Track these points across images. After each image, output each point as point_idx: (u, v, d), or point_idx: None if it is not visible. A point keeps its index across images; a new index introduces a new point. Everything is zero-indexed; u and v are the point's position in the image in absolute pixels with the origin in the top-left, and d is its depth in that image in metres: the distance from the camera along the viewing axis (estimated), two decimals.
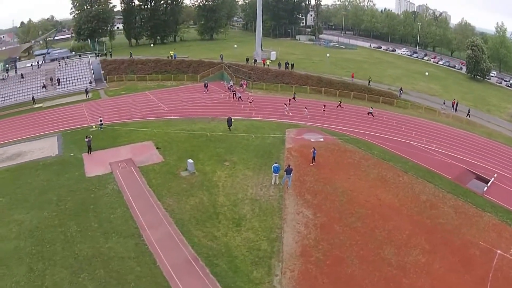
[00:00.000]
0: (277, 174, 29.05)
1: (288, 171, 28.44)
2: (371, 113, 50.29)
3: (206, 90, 59.83)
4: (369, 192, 29.44)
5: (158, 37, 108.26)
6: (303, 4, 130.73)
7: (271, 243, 23.65)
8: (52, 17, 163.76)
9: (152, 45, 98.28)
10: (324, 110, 50.22)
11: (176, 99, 57.83)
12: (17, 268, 22.03)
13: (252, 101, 52.55)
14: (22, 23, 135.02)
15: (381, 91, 60.38)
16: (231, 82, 61.79)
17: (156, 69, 72.44)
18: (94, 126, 45.76)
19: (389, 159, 35.90)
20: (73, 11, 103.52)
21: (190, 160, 32.74)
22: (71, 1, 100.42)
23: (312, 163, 32.48)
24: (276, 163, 29.62)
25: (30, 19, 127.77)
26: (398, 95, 60.15)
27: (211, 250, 23.16)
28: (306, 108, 48.89)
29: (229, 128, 40.90)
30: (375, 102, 56.98)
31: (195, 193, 29.41)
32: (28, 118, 54.25)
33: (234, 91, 56.11)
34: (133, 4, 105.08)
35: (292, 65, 66.90)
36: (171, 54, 76.58)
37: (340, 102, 53.69)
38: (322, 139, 38.65)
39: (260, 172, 31.93)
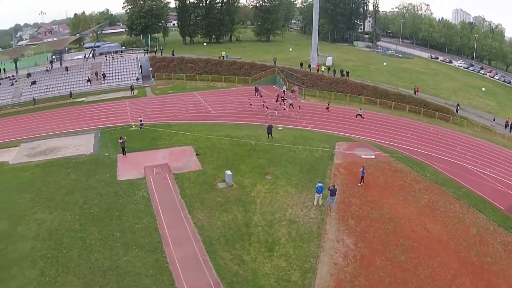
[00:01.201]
0: (321, 195, 29.14)
1: (333, 192, 28.53)
2: (360, 115, 52.82)
3: (256, 94, 61.36)
4: (417, 220, 29.29)
5: (213, 36, 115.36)
6: (361, 9, 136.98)
7: (303, 274, 23.25)
8: (107, 10, 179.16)
9: (205, 44, 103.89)
10: (327, 108, 55.00)
11: (225, 102, 59.69)
12: (29, 271, 23.28)
13: (299, 107, 53.81)
14: (75, 14, 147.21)
15: (437, 106, 62.05)
16: (284, 87, 63.48)
17: (206, 69, 75.98)
18: (133, 126, 48.16)
19: (441, 183, 35.93)
20: (125, 6, 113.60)
21: (228, 172, 33.03)
22: None
23: (360, 183, 32.84)
24: (320, 182, 29.77)
25: (83, 11, 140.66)
26: (455, 111, 62.08)
27: (236, 276, 22.84)
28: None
29: (269, 136, 42.01)
30: (431, 118, 59.33)
31: (229, 209, 29.44)
32: (69, 112, 59.16)
33: (283, 97, 57.20)
34: (188, 1, 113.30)
35: (348, 73, 68.75)
36: (223, 55, 79.81)
37: (328, 104, 56.60)
38: (373, 156, 39.21)
39: (303, 189, 31.98)
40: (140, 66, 77.09)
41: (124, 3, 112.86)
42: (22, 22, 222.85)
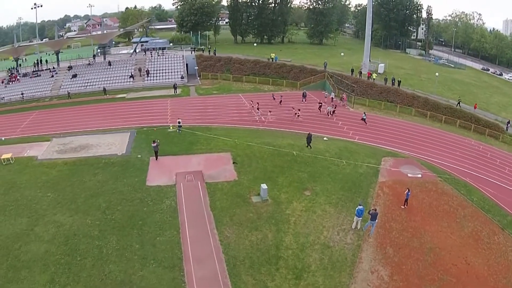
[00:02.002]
0: (361, 218, 28.76)
1: (373, 216, 28.15)
2: (364, 119, 54.17)
3: (304, 100, 62.13)
4: (458, 252, 28.66)
5: (265, 37, 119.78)
6: (414, 16, 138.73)
7: None
8: (160, 5, 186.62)
9: (255, 44, 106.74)
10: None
11: (270, 106, 59.76)
12: (39, 275, 23.82)
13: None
14: (126, 8, 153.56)
15: (488, 122, 61.77)
16: (333, 93, 64.57)
17: (254, 71, 77.33)
18: (171, 127, 48.83)
19: (488, 210, 35.28)
20: (176, 2, 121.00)
21: (264, 186, 32.36)
22: None
23: (404, 205, 32.59)
24: (360, 204, 29.30)
25: (135, 6, 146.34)
26: (505, 128, 61.46)
27: None
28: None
29: (308, 146, 42.18)
30: (481, 134, 59.41)
31: (260, 227, 28.77)
32: (107, 108, 61.69)
33: (321, 103, 58.13)
34: (240, 0, 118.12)
35: (399, 82, 68.24)
36: (272, 57, 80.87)
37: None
38: (420, 175, 38.80)
39: (343, 210, 31.47)
40: (186, 64, 78.84)
41: None
42: (72, 14, 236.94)
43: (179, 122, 47.87)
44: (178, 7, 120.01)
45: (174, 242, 26.75)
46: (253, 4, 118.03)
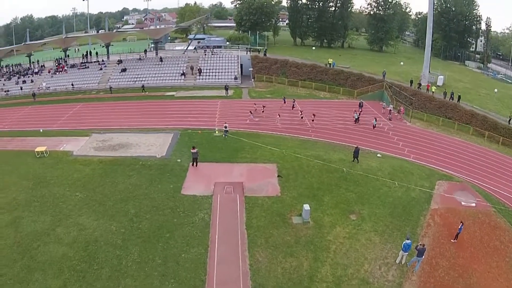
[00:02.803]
0: (407, 253, 27.63)
1: (420, 252, 27.02)
2: (374, 126, 54.54)
3: (360, 110, 60.70)
4: None
5: (324, 40, 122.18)
6: (474, 27, 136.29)
7: None
8: (220, 3, 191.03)
9: (313, 48, 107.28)
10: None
11: (324, 115, 58.99)
12: (51, 280, 24.08)
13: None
14: (186, 4, 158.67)
15: None
16: (391, 105, 63.45)
17: (310, 76, 77.11)
18: (217, 131, 48.67)
19: None
20: (234, 1, 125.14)
21: (306, 206, 30.94)
22: None
23: (454, 239, 31.20)
24: (408, 238, 28.10)
25: (195, 2, 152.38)
26: None
27: None
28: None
29: (354, 159, 41.76)
30: None
31: (296, 253, 27.48)
32: (153, 105, 62.82)
33: (356, 111, 57.48)
34: (300, 2, 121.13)
35: (459, 97, 65.53)
36: (330, 62, 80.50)
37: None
38: (474, 204, 37.02)
39: (389, 240, 30.09)
40: (241, 64, 78.81)
41: None
42: (131, 7, 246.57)
43: (225, 127, 47.57)
44: (237, 6, 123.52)
45: (200, 261, 25.99)
46: (314, 6, 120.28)
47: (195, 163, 39.48)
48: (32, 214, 31.57)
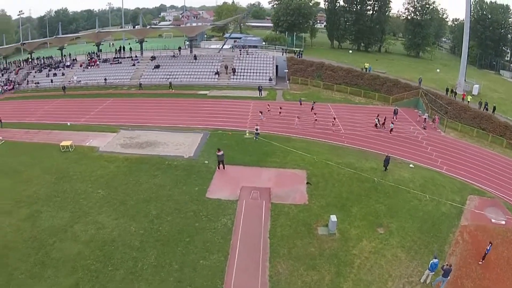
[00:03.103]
0: (433, 273, 26.78)
1: (446, 273, 26.24)
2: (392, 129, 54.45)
3: (395, 117, 59.52)
4: None
5: (361, 44, 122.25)
6: (509, 36, 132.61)
7: None
8: (259, 3, 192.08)
9: (350, 51, 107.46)
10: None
11: (358, 121, 57.90)
12: (64, 278, 24.24)
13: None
14: (224, 3, 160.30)
15: None
16: (426, 114, 62.08)
17: (346, 80, 76.25)
18: (247, 133, 48.12)
19: None
20: (272, 1, 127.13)
21: (333, 218, 29.97)
22: None
23: (482, 260, 30.12)
24: (435, 257, 27.36)
25: (233, 1, 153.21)
26: None
27: None
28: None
29: (385, 169, 40.90)
30: None
31: (319, 266, 26.50)
32: (185, 104, 62.93)
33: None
34: (337, 4, 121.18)
35: (494, 108, 63.43)
36: (366, 67, 79.45)
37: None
38: (503, 222, 35.81)
39: (416, 256, 28.99)
40: (276, 66, 78.19)
41: None
42: (168, 3, 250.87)
43: (256, 129, 46.93)
44: (274, 6, 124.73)
45: (218, 269, 25.40)
46: (351, 9, 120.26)
47: (221, 166, 39.07)
48: (51, 209, 31.86)
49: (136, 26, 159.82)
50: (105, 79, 77.42)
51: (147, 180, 36.55)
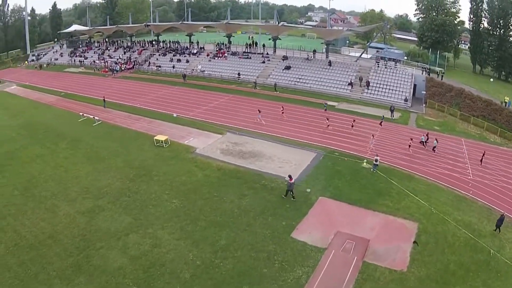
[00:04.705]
0: None
1: None
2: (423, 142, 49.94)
3: None
4: None
5: (503, 72, 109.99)
6: None
7: None
8: (406, 15, 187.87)
9: (491, 79, 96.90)
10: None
11: (491, 165, 46.39)
12: None
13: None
14: (371, 10, 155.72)
15: None
16: None
17: (484, 113, 65.30)
18: (365, 163, 41.41)
19: None
20: (417, 14, 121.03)
21: None
22: (416, 3, 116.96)
23: None
24: None
25: (381, 10, 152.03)
26: None
27: None
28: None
29: (497, 229, 32.34)
30: None
31: None
32: (308, 113, 57.54)
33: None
34: (482, 25, 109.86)
35: None
36: (506, 101, 66.71)
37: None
38: None
39: None
40: (414, 85, 70.02)
41: (416, 10, 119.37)
42: (317, 4, 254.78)
43: (376, 160, 40.18)
44: (420, 19, 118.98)
45: None
46: (494, 33, 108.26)
47: (287, 194, 33.90)
48: (115, 209, 30.21)
49: (280, 23, 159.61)
50: (239, 74, 75.78)
51: (232, 200, 32.75)
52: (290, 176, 33.77)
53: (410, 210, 33.43)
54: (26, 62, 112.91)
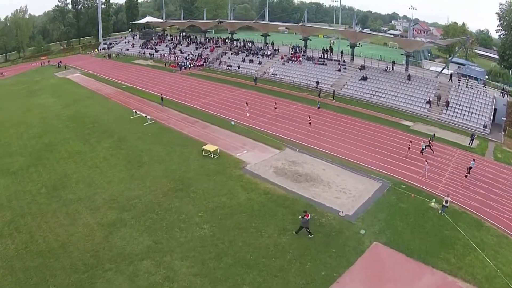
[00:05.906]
0: None
1: None
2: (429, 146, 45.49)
3: None
4: None
5: None
6: None
7: None
8: (487, 30, 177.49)
9: None
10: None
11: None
12: None
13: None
14: (454, 23, 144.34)
15: None
16: None
17: None
18: (433, 202, 34.07)
19: None
20: (499, 30, 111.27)
21: None
22: (498, 18, 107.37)
23: None
24: None
25: (463, 23, 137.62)
26: None
27: None
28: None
29: None
30: None
31: None
32: (379, 133, 49.36)
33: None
34: None
35: None
36: None
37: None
38: None
39: None
40: (495, 109, 60.68)
41: (498, 26, 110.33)
42: (402, 13, 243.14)
43: (446, 201, 32.89)
44: (502, 36, 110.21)
45: None
46: None
47: (301, 230, 28.10)
48: (138, 226, 27.40)
49: (364, 29, 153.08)
50: (317, 82, 70.22)
51: (270, 234, 27.59)
52: (305, 211, 28.14)
53: (474, 269, 26.37)
54: (96, 50, 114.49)
